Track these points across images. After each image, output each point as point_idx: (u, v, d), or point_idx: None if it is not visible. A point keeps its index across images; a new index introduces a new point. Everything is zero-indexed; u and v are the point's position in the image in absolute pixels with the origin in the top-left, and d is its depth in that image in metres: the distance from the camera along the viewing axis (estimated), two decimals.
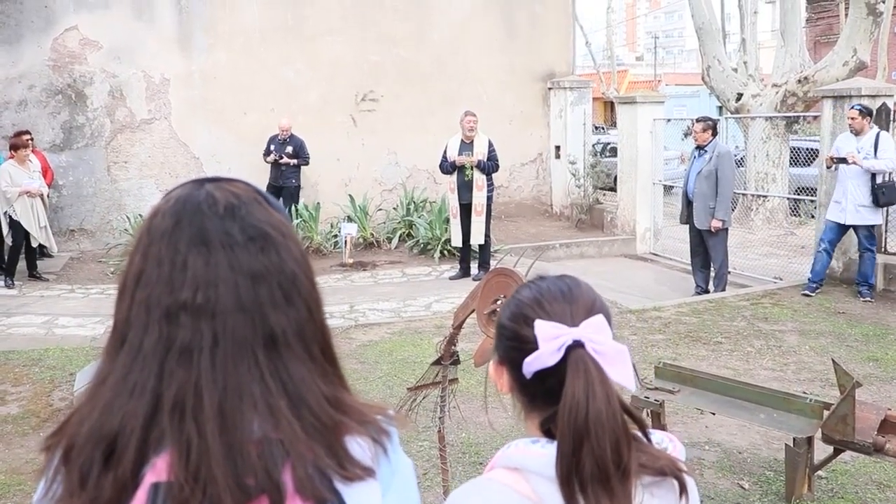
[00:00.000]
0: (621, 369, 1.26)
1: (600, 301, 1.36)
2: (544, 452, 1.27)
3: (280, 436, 1.01)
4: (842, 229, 9.23)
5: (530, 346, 1.30)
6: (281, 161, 12.48)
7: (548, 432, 1.32)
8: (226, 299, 1.04)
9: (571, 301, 1.34)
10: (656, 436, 1.36)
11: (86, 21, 12.50)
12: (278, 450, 1.01)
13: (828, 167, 9.45)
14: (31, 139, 11.59)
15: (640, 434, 1.30)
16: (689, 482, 1.31)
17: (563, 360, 1.26)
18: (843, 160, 8.97)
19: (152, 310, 1.04)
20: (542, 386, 1.30)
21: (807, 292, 9.32)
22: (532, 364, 1.28)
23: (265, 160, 12.54)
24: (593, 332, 1.27)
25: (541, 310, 1.34)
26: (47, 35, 12.37)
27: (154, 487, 0.98)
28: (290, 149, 12.57)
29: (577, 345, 1.26)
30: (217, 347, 1.03)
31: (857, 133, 8.95)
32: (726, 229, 9.71)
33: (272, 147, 12.60)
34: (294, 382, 1.05)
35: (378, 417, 1.13)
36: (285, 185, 12.60)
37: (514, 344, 1.34)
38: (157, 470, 0.99)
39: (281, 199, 11.88)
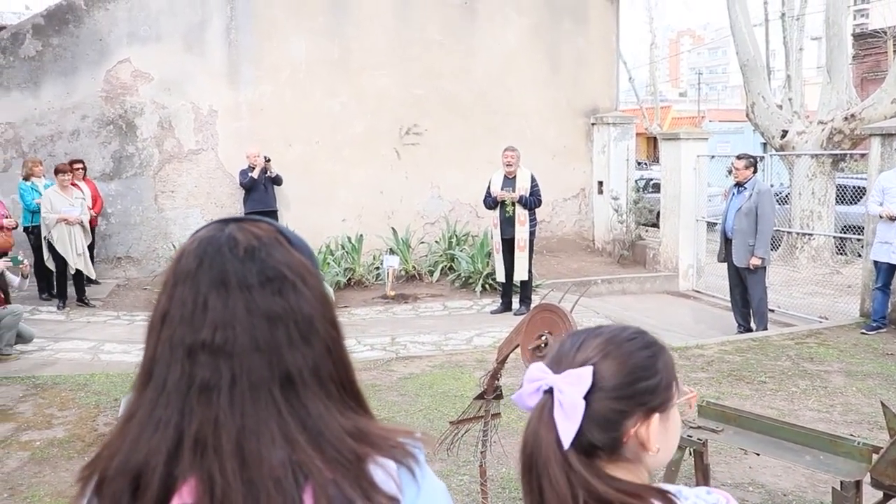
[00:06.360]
0: (566, 424, 1.28)
1: (618, 354, 1.34)
2: None
3: (297, 459, 1.05)
4: (892, 269, 9.11)
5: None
6: (268, 164, 12.31)
7: None
8: (243, 340, 1.07)
9: (577, 349, 1.36)
10: (706, 494, 1.35)
11: (138, 54, 12.77)
12: (297, 472, 1.04)
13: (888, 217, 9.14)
14: (84, 168, 11.84)
15: (670, 495, 1.30)
16: None
17: None
18: None
19: (176, 348, 1.09)
20: None
21: (864, 331, 9.23)
22: (516, 401, 1.36)
23: (251, 180, 12.30)
24: (565, 383, 1.30)
25: (553, 353, 1.40)
26: (101, 67, 12.66)
27: None
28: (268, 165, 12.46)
29: (549, 391, 1.31)
30: (235, 386, 1.06)
31: None
32: (765, 267, 9.62)
33: (251, 174, 12.36)
34: (313, 419, 1.08)
35: (403, 440, 1.15)
36: (273, 208, 12.46)
37: None
38: (183, 496, 1.03)
39: None
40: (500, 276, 10.86)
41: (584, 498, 1.25)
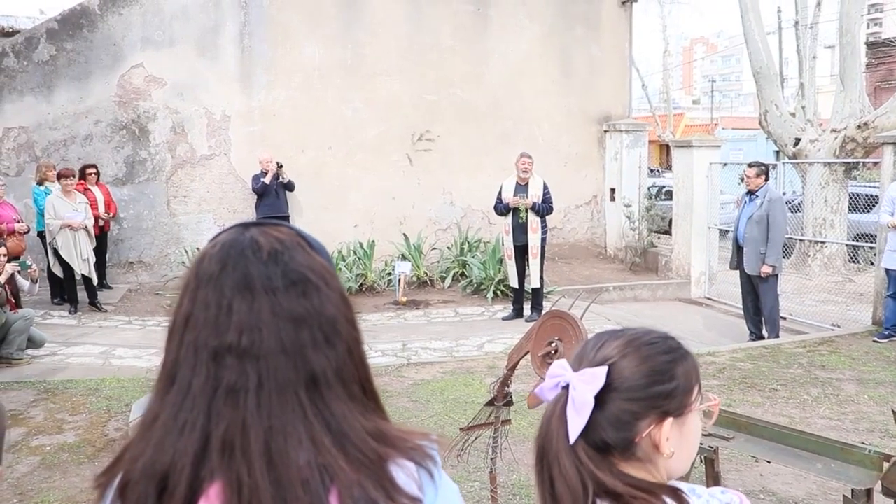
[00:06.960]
0: (575, 419, 1.30)
1: (636, 356, 1.35)
2: None
3: (323, 461, 1.05)
4: None
5: None
6: (280, 170, 12.37)
7: None
8: (269, 342, 1.08)
9: (598, 349, 1.38)
10: (720, 493, 1.36)
11: (151, 59, 12.82)
12: (323, 474, 1.05)
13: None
14: (97, 173, 11.88)
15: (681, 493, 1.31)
16: None
17: None
18: None
19: (200, 351, 1.09)
20: None
21: (876, 339, 9.19)
22: (538, 394, 1.41)
23: (263, 185, 12.36)
24: (580, 381, 1.32)
25: (577, 350, 1.44)
26: (114, 72, 12.70)
27: None
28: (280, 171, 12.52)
29: (566, 387, 1.34)
30: (262, 389, 1.07)
31: None
32: (776, 275, 9.59)
33: (263, 180, 12.43)
34: (337, 420, 1.09)
35: (421, 443, 1.16)
36: (285, 214, 12.51)
37: None
38: (210, 499, 1.04)
39: None
40: (514, 282, 10.84)
41: (593, 489, 1.28)
